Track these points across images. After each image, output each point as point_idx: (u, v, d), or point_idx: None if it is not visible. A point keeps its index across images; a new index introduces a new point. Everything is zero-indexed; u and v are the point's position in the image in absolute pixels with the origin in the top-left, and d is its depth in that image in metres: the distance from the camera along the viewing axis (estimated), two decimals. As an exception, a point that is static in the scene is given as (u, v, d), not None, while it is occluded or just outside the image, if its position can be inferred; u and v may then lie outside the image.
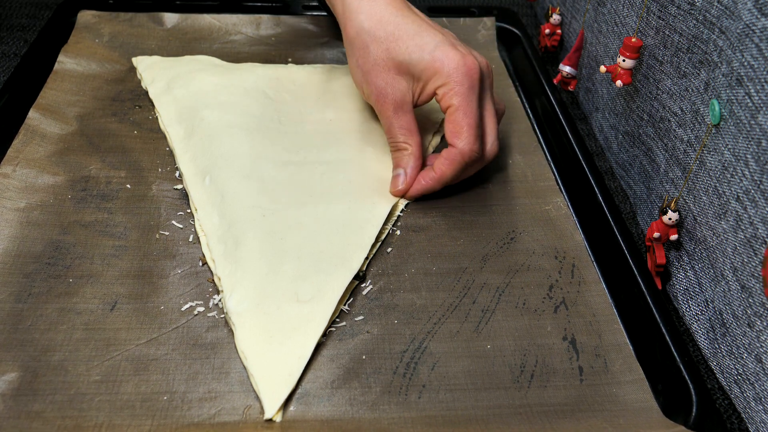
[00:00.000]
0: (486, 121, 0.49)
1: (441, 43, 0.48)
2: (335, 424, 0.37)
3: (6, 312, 0.41)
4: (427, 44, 0.48)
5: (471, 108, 0.47)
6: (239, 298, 0.41)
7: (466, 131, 0.47)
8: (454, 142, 0.48)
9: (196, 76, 0.59)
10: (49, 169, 0.51)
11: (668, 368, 0.40)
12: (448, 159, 0.48)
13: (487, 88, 0.49)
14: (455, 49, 0.47)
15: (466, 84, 0.47)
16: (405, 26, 0.48)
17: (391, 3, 0.49)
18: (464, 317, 0.43)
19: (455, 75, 0.47)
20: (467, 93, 0.47)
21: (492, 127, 0.50)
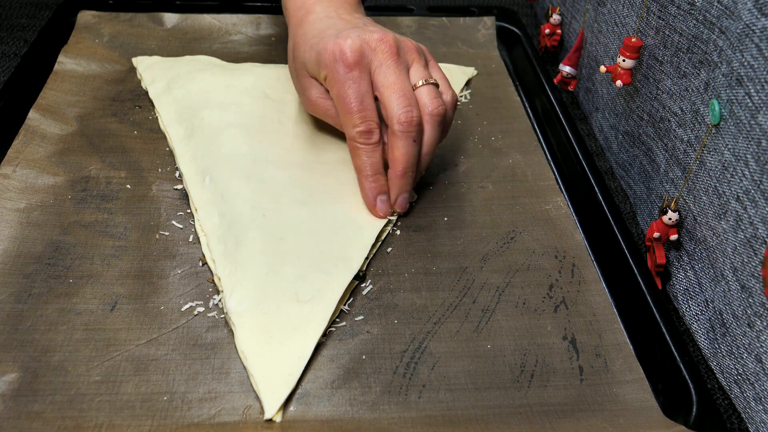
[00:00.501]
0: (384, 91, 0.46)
1: (324, 36, 0.47)
2: (335, 424, 0.37)
3: (6, 312, 0.41)
4: (313, 40, 0.47)
5: (350, 91, 0.45)
6: (239, 298, 0.41)
7: (351, 115, 0.46)
8: (347, 132, 0.47)
9: (196, 76, 0.59)
10: (49, 169, 0.51)
11: (668, 368, 0.40)
12: (352, 151, 0.47)
13: (380, 62, 0.46)
14: (337, 36, 0.46)
15: (341, 68, 0.45)
16: (311, 30, 0.48)
17: (316, 17, 0.49)
18: (464, 317, 0.43)
19: (329, 60, 0.45)
20: (344, 77, 0.45)
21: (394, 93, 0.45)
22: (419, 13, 0.72)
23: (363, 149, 0.46)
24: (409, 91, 0.46)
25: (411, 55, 0.48)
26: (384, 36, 0.46)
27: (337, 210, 0.48)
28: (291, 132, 0.55)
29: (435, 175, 0.54)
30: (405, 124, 0.45)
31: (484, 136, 0.58)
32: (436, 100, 0.47)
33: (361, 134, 0.46)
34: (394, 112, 0.45)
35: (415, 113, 0.45)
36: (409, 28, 0.71)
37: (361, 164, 0.47)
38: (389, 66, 0.46)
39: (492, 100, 0.63)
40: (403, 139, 0.45)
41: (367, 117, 0.46)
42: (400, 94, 0.45)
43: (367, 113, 0.46)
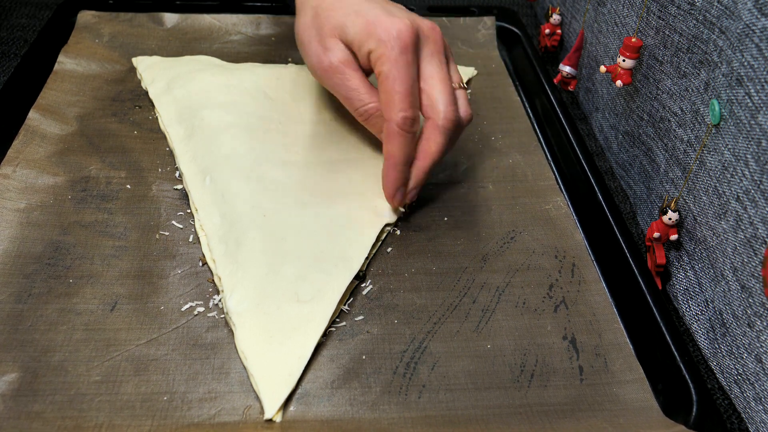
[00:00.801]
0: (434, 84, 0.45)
1: (373, 8, 0.46)
2: (335, 424, 0.37)
3: (6, 312, 0.41)
4: (367, 10, 0.46)
5: (402, 74, 0.44)
6: (239, 298, 0.41)
7: (398, 99, 0.44)
8: (389, 115, 0.44)
9: (196, 76, 0.59)
10: (49, 169, 0.51)
11: (668, 368, 0.40)
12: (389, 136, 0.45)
13: (431, 52, 0.46)
14: (390, 15, 0.45)
15: (397, 48, 0.44)
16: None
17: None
18: (464, 317, 0.43)
19: (385, 36, 0.44)
20: (398, 58, 0.44)
21: (443, 89, 0.45)
22: (419, 13, 0.72)
23: (403, 136, 0.44)
24: (453, 90, 0.46)
25: (448, 53, 0.48)
26: (433, 25, 0.46)
27: (338, 210, 0.48)
28: (291, 132, 0.55)
29: (435, 175, 0.54)
30: (450, 122, 0.45)
31: (484, 136, 0.58)
32: (468, 106, 0.47)
33: (405, 120, 0.44)
34: (442, 107, 0.45)
35: (458, 113, 0.45)
36: (409, 28, 0.70)
37: (395, 151, 0.45)
38: (441, 61, 0.46)
39: (492, 100, 0.63)
40: (444, 135, 0.45)
41: (414, 104, 0.44)
42: (448, 90, 0.45)
43: (414, 101, 0.44)
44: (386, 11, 0.45)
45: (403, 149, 0.45)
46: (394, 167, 0.46)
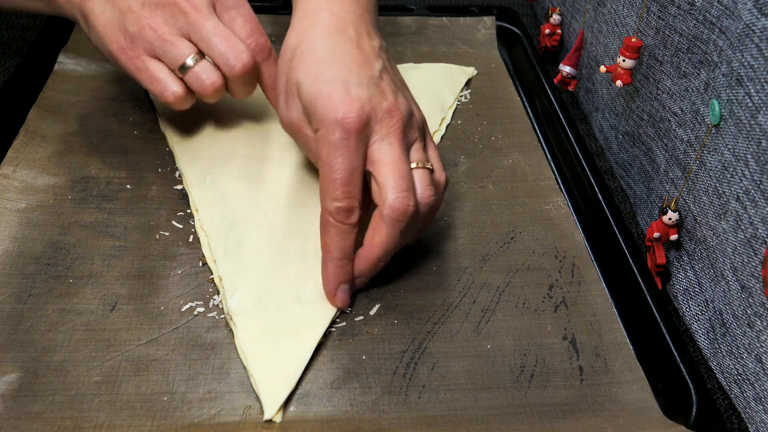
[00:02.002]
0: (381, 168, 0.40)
1: (339, 79, 0.41)
2: (335, 424, 0.37)
3: (6, 313, 0.41)
4: (325, 74, 0.41)
5: (340, 161, 0.40)
6: (240, 299, 0.41)
7: (333, 188, 0.40)
8: (323, 204, 0.41)
9: (196, 76, 0.59)
10: (49, 169, 0.51)
11: (668, 368, 0.40)
12: (323, 227, 0.41)
13: (384, 134, 0.41)
14: (347, 90, 0.40)
15: (339, 133, 0.40)
16: (320, 45, 0.43)
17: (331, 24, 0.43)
18: (464, 317, 0.43)
19: (328, 118, 0.40)
20: (338, 143, 0.40)
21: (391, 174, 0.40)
22: (419, 13, 0.72)
23: (337, 228, 0.40)
24: (408, 174, 0.41)
25: (414, 134, 0.43)
26: (395, 105, 0.42)
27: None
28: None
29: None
30: (398, 212, 0.40)
31: (484, 136, 0.58)
32: (428, 188, 0.42)
33: (339, 211, 0.40)
34: (389, 195, 0.40)
35: (412, 201, 0.40)
36: (409, 28, 0.71)
37: (330, 244, 0.41)
38: (392, 143, 0.41)
39: (492, 100, 0.63)
40: (391, 227, 0.40)
41: (351, 193, 0.40)
42: (398, 175, 0.40)
43: (353, 190, 0.40)
44: (345, 83, 0.41)
45: (339, 242, 0.41)
46: (330, 261, 0.41)
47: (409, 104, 0.43)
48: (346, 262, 0.41)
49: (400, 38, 0.70)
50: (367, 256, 0.42)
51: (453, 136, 0.58)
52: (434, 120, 0.58)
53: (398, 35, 0.70)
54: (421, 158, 0.43)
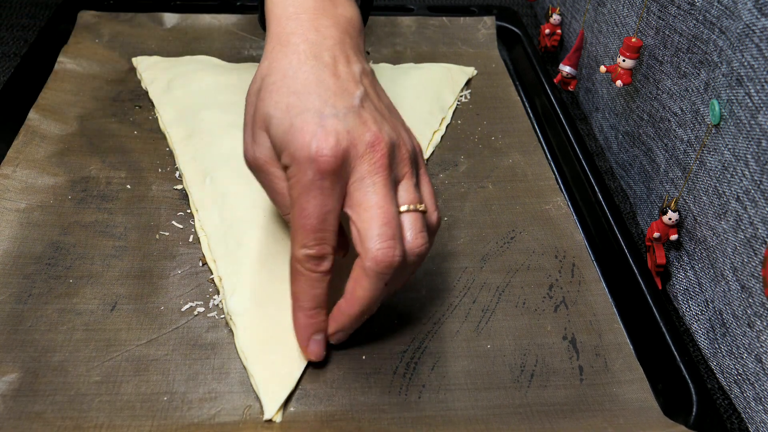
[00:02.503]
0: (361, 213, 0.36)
1: (312, 110, 0.36)
2: (335, 425, 0.37)
3: (6, 313, 0.41)
4: (298, 106, 0.37)
5: (312, 204, 0.35)
6: (240, 299, 0.41)
7: (302, 234, 0.36)
8: (292, 250, 0.37)
9: (196, 76, 0.59)
10: (49, 169, 0.51)
11: (668, 368, 0.40)
12: (291, 274, 0.38)
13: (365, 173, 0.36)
14: (322, 123, 0.36)
15: (311, 172, 0.35)
16: (291, 74, 0.38)
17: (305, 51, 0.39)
18: (464, 317, 0.43)
19: (300, 155, 0.35)
20: (310, 184, 0.35)
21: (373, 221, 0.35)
22: (419, 13, 0.72)
23: (307, 277, 0.37)
24: (395, 219, 0.36)
25: (403, 168, 0.38)
26: (378, 137, 0.36)
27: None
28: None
29: (435, 175, 0.54)
30: (382, 265, 0.35)
31: (484, 136, 0.58)
32: (420, 235, 0.37)
33: (309, 258, 0.36)
34: (372, 245, 0.35)
35: (398, 251, 0.35)
36: (409, 28, 0.71)
37: (299, 293, 0.37)
38: (375, 183, 0.36)
39: (492, 100, 0.63)
40: (374, 280, 0.36)
41: (323, 239, 0.36)
42: (382, 221, 0.35)
43: (325, 235, 0.36)
44: (320, 114, 0.36)
45: (308, 291, 0.37)
46: (300, 311, 0.38)
47: (397, 134, 0.38)
48: (317, 312, 0.38)
49: (400, 38, 0.70)
50: (348, 310, 0.37)
51: (453, 136, 0.58)
52: (434, 120, 0.58)
53: (398, 35, 0.70)
54: (411, 199, 0.37)
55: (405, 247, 0.36)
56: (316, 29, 0.40)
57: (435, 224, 0.39)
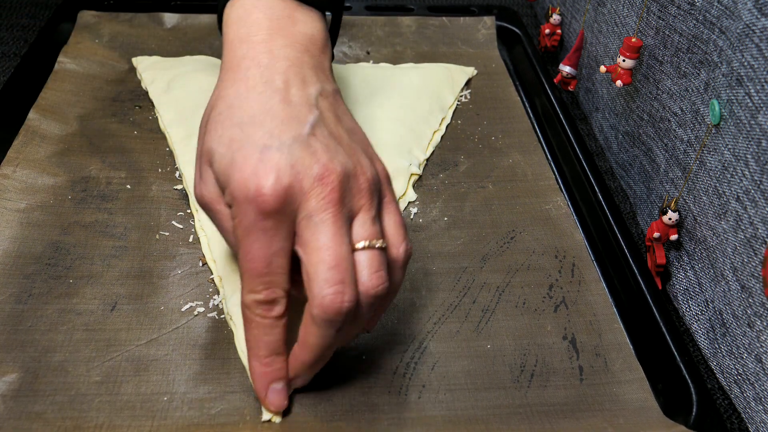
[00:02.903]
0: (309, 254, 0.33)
1: (255, 144, 0.34)
2: (335, 425, 0.37)
3: (6, 313, 0.41)
4: (240, 139, 0.34)
5: (255, 247, 0.33)
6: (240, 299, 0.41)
7: (248, 279, 0.34)
8: (241, 295, 0.35)
9: (196, 76, 0.59)
10: (49, 169, 0.51)
11: (668, 368, 0.40)
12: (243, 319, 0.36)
13: (314, 209, 0.33)
14: (263, 158, 0.33)
15: (252, 212, 0.33)
16: (239, 108, 0.36)
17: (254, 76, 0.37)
18: (464, 317, 0.43)
19: (239, 194, 0.33)
20: (251, 226, 0.33)
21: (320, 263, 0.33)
22: (419, 13, 0.72)
23: (258, 323, 0.34)
24: (345, 260, 0.33)
25: (359, 201, 0.34)
26: (328, 169, 0.33)
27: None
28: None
29: (435, 175, 0.54)
30: (329, 312, 0.32)
31: (484, 136, 0.58)
32: (377, 275, 0.34)
33: (258, 304, 0.34)
34: (318, 290, 0.32)
35: (347, 297, 0.32)
36: (409, 27, 0.71)
37: (252, 340, 0.35)
38: (324, 221, 0.33)
39: (492, 100, 0.63)
40: (323, 328, 0.33)
41: (272, 283, 0.34)
42: (330, 264, 0.32)
43: (274, 278, 0.34)
44: (261, 146, 0.34)
45: (262, 338, 0.35)
46: (255, 359, 0.35)
47: (354, 162, 0.35)
48: (273, 359, 0.35)
49: (400, 38, 0.70)
50: (302, 358, 0.35)
51: (453, 136, 0.58)
52: (434, 120, 0.58)
53: (398, 35, 0.70)
54: (368, 234, 0.34)
55: (359, 289, 0.33)
56: (269, 51, 0.38)
57: (402, 258, 0.35)
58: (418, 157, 0.54)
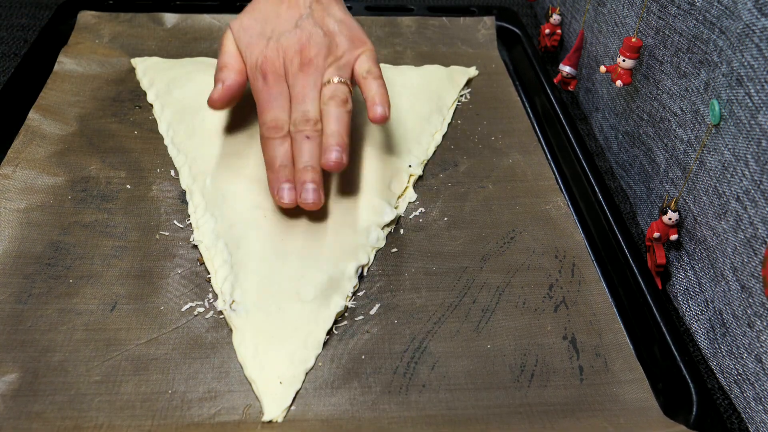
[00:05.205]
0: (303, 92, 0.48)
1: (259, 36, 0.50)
2: (335, 424, 0.37)
3: (6, 313, 0.41)
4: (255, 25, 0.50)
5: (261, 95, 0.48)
6: (239, 299, 0.41)
7: (260, 114, 0.48)
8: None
9: (195, 77, 0.59)
10: (49, 169, 0.51)
11: (668, 368, 0.40)
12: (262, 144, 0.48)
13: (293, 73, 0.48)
14: (263, 45, 0.49)
15: (259, 82, 0.48)
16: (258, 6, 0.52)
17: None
18: (464, 317, 0.43)
19: (250, 67, 0.49)
20: (260, 87, 0.48)
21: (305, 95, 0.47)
22: (419, 13, 0.72)
23: (269, 144, 0.47)
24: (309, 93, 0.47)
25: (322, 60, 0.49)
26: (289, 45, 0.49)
27: (339, 210, 0.48)
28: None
29: (435, 175, 0.54)
30: (301, 122, 0.46)
31: (484, 136, 0.58)
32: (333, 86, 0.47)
33: (268, 129, 0.47)
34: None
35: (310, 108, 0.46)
36: (409, 28, 0.71)
37: (268, 159, 0.47)
38: (296, 76, 0.48)
39: (492, 100, 0.63)
40: (297, 140, 0.46)
41: (275, 114, 0.47)
42: (299, 99, 0.47)
43: (276, 112, 0.47)
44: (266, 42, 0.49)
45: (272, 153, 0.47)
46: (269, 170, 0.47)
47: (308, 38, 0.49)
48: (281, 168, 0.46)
49: (400, 38, 0.70)
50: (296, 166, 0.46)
51: (453, 136, 0.58)
52: (435, 120, 0.58)
53: (398, 35, 0.70)
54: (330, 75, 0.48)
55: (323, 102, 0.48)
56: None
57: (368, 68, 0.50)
58: (419, 156, 0.54)
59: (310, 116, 0.46)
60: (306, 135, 0.46)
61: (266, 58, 0.49)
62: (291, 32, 0.50)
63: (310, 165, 0.45)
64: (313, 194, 0.45)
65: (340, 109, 0.47)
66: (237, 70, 0.50)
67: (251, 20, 0.51)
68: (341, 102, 0.47)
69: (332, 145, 0.45)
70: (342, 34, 0.50)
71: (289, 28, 0.50)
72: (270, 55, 0.49)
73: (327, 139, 0.46)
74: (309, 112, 0.47)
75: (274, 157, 0.46)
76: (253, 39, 0.50)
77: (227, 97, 0.50)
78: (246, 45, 0.50)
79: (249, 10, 0.52)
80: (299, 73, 0.48)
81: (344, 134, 0.46)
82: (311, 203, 0.45)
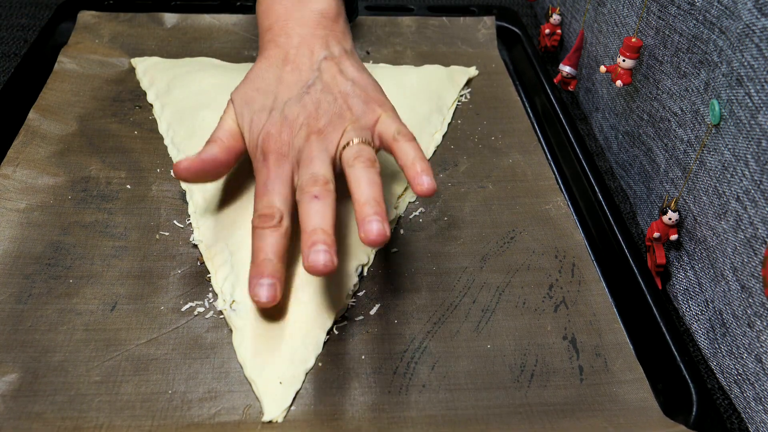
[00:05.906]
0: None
1: (260, 105, 0.45)
2: (335, 424, 0.37)
3: (6, 313, 0.41)
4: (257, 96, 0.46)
5: (259, 178, 0.43)
6: (239, 299, 0.41)
7: (255, 201, 0.42)
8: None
9: (195, 77, 0.59)
10: (49, 170, 0.51)
11: (668, 368, 0.40)
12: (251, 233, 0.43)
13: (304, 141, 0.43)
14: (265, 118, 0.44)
15: (260, 159, 0.43)
16: (259, 74, 0.47)
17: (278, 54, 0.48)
18: (464, 317, 0.43)
19: (249, 144, 0.45)
20: (259, 167, 0.43)
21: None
22: (419, 13, 0.72)
23: (258, 233, 0.41)
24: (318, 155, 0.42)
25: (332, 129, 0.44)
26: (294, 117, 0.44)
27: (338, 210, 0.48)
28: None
29: (435, 175, 0.54)
30: (308, 184, 0.40)
31: (484, 136, 0.58)
32: (356, 147, 0.42)
33: (258, 217, 0.41)
34: (299, 182, 0.41)
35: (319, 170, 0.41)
36: (409, 27, 0.71)
37: (252, 247, 0.41)
38: (302, 147, 0.43)
39: (492, 100, 0.63)
40: (304, 202, 0.40)
41: (269, 201, 0.41)
42: (305, 164, 0.42)
43: (271, 198, 0.41)
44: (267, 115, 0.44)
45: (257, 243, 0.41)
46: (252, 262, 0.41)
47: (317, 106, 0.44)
48: (264, 260, 0.40)
49: (400, 38, 0.70)
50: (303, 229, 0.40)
51: (453, 136, 0.58)
52: (435, 120, 0.58)
53: (398, 35, 0.70)
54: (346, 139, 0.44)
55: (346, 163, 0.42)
56: (285, 33, 0.49)
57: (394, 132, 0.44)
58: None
59: (318, 177, 0.40)
60: (314, 195, 0.39)
61: (269, 135, 0.43)
62: (296, 101, 0.44)
63: (321, 227, 0.38)
64: (324, 255, 0.37)
65: (370, 170, 0.40)
66: (225, 148, 0.45)
67: (253, 91, 0.46)
68: (369, 162, 0.41)
69: (370, 214, 0.37)
70: (357, 96, 0.45)
71: (294, 94, 0.45)
72: (273, 131, 0.43)
73: (362, 208, 0.38)
74: (318, 174, 0.40)
75: (260, 248, 0.40)
76: (254, 114, 0.45)
77: (197, 169, 0.43)
78: (248, 122, 0.45)
79: (251, 77, 0.47)
80: (306, 144, 0.43)
81: (381, 201, 0.39)
82: (321, 265, 0.36)
